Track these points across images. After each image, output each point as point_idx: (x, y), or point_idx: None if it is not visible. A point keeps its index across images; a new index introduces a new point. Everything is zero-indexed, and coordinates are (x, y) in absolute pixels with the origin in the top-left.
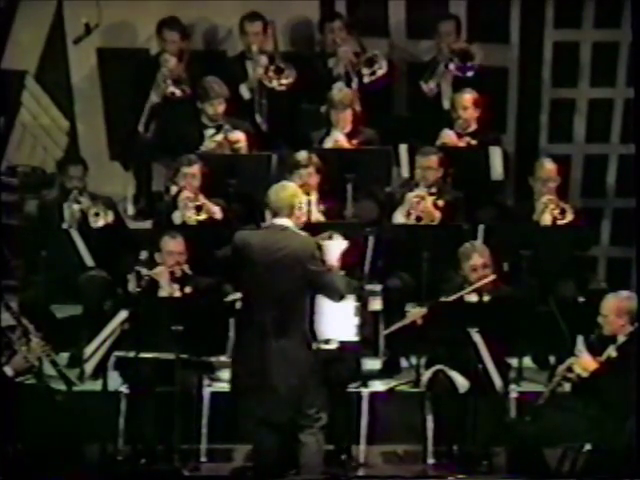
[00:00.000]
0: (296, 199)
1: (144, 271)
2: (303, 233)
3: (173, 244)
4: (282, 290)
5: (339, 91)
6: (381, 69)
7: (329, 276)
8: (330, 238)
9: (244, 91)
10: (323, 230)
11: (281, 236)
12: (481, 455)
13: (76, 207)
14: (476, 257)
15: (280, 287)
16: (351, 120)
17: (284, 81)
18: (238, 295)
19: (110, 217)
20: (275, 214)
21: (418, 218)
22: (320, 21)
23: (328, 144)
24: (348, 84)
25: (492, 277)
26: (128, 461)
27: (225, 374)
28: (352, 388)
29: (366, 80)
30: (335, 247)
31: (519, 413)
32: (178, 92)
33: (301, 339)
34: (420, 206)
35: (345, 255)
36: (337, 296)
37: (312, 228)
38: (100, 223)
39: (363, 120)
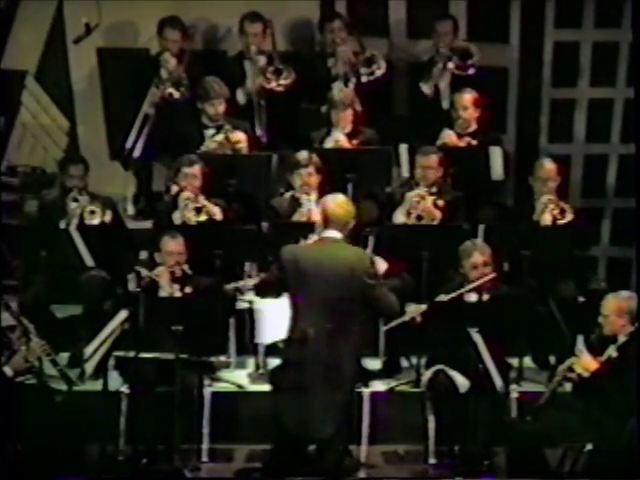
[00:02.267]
0: (351, 217)
1: (144, 272)
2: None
3: (173, 244)
4: (335, 302)
5: (340, 91)
6: (380, 69)
7: (383, 290)
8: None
9: (240, 96)
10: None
11: (335, 248)
12: (482, 455)
13: (74, 205)
14: (477, 255)
15: (334, 298)
16: (352, 120)
17: (282, 82)
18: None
19: (108, 216)
20: (328, 226)
21: (419, 217)
22: (320, 21)
23: (329, 144)
24: (347, 84)
25: (493, 275)
26: (128, 461)
27: (225, 374)
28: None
29: (364, 80)
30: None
31: (520, 413)
32: (176, 94)
33: (352, 351)
34: (420, 205)
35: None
36: (389, 311)
37: (312, 228)
38: (95, 221)
39: (363, 120)
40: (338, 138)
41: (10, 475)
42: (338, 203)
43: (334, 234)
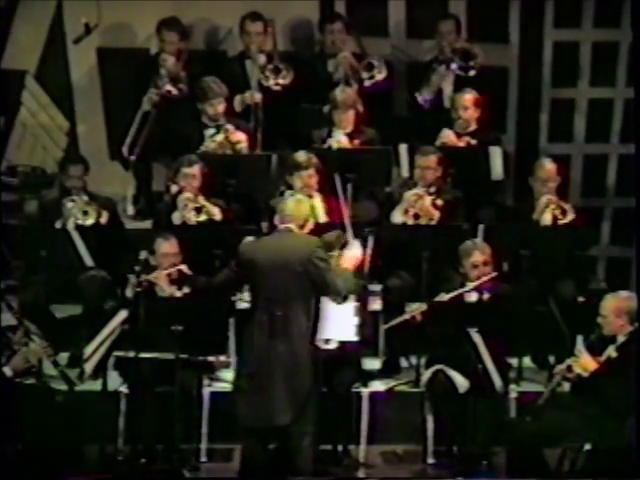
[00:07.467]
0: (309, 214)
1: (142, 277)
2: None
3: (167, 246)
4: (287, 291)
5: (342, 92)
6: (380, 74)
7: (330, 275)
8: (340, 238)
9: (237, 104)
10: (323, 230)
11: (284, 238)
12: (481, 455)
13: (70, 205)
14: (477, 254)
15: (284, 288)
16: (353, 120)
17: (281, 81)
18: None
19: (104, 217)
20: (285, 222)
21: (416, 216)
22: (320, 22)
23: (331, 145)
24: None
25: (493, 274)
26: (128, 461)
27: (225, 374)
28: (352, 388)
29: (366, 84)
30: (352, 255)
31: (519, 413)
32: (174, 90)
33: (305, 339)
34: (418, 204)
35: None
36: (337, 296)
37: (312, 228)
38: (89, 222)
39: (365, 120)
40: (340, 139)
41: (10, 475)
42: (292, 201)
43: (289, 225)
